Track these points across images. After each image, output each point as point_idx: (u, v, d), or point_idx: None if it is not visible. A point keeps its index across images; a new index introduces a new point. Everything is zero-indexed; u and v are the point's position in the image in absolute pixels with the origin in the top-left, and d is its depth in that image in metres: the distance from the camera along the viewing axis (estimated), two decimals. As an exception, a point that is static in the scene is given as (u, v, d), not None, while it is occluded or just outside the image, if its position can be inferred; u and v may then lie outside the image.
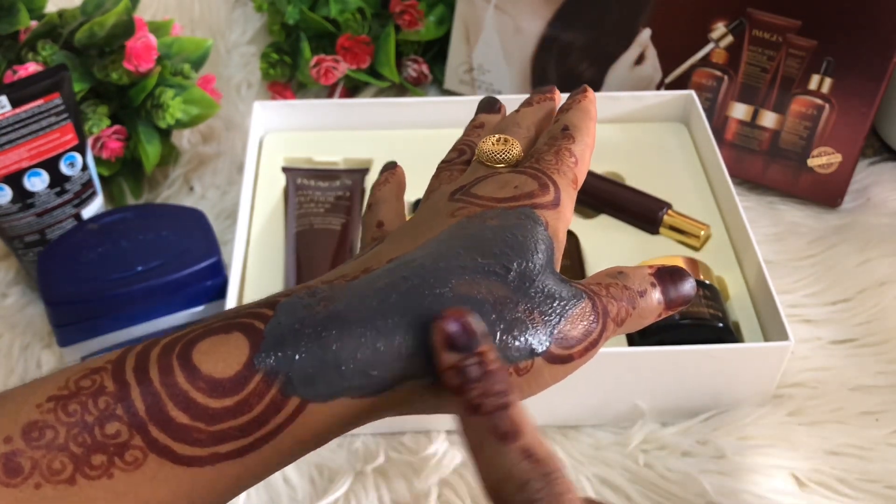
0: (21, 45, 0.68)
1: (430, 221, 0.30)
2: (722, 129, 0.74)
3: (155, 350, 0.24)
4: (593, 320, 0.29)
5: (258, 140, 0.72)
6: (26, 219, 0.62)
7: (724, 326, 0.55)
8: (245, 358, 0.24)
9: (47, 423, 0.22)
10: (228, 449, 0.23)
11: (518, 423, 0.25)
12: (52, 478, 0.22)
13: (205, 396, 0.23)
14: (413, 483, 0.54)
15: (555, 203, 0.30)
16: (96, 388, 0.23)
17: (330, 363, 0.24)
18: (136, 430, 0.22)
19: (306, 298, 0.25)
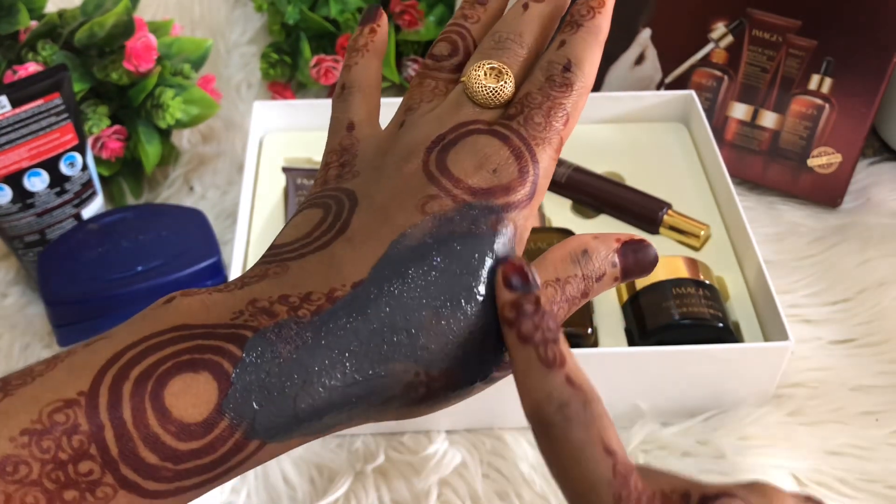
0: (21, 45, 0.68)
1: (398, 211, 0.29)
2: (722, 129, 0.74)
3: (127, 386, 0.24)
4: None
5: (258, 140, 0.72)
6: (26, 219, 0.62)
7: (724, 326, 0.55)
8: (213, 404, 0.25)
9: (21, 459, 0.23)
10: (191, 483, 0.25)
11: (563, 353, 0.27)
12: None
13: (174, 440, 0.24)
14: (413, 483, 0.54)
15: (529, 195, 0.30)
16: (69, 425, 0.24)
17: (289, 414, 0.26)
18: (107, 469, 0.24)
19: (272, 339, 0.26)
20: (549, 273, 0.30)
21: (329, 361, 0.26)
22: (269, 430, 0.25)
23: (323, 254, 0.28)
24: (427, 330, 0.27)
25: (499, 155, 0.30)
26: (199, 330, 0.26)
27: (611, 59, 0.76)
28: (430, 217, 0.28)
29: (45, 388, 0.24)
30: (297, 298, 0.27)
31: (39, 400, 0.24)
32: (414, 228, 0.28)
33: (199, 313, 0.26)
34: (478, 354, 0.28)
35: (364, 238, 0.29)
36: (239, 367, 0.25)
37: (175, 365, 0.25)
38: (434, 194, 0.29)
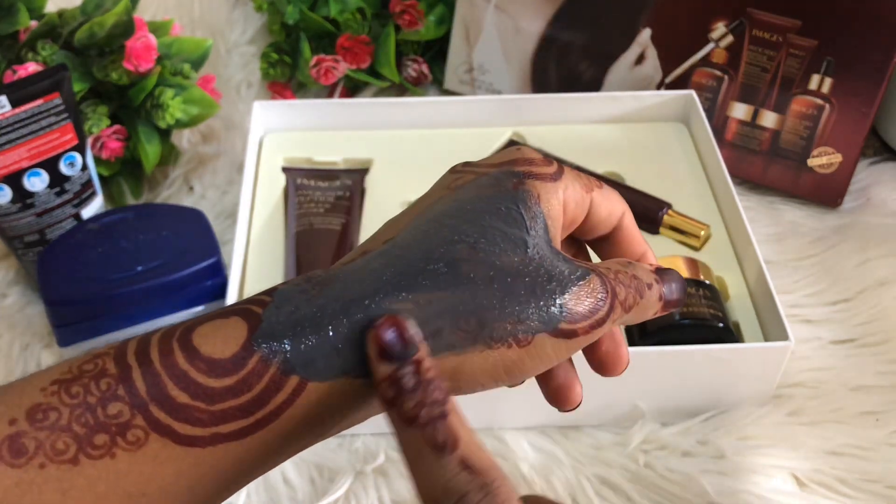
0: (21, 45, 0.68)
1: (428, 196, 0.30)
2: (722, 129, 0.74)
3: (156, 336, 0.24)
4: (601, 298, 0.28)
5: (258, 140, 0.72)
6: (26, 219, 0.62)
7: (724, 326, 0.55)
8: (243, 339, 0.24)
9: (51, 405, 0.23)
10: (230, 429, 0.24)
11: (455, 433, 0.24)
12: (56, 458, 0.22)
13: (204, 376, 0.23)
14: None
15: (554, 174, 0.30)
16: (98, 370, 0.23)
17: (326, 343, 0.24)
18: (137, 410, 0.23)
19: (303, 284, 0.26)
20: (599, 263, 0.30)
21: (363, 290, 0.25)
22: (306, 364, 0.24)
23: (360, 245, 0.29)
24: (466, 261, 0.26)
25: (526, 147, 0.31)
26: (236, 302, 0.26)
27: (611, 59, 0.76)
28: (456, 189, 0.29)
29: (80, 354, 0.25)
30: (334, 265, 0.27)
31: (71, 359, 0.24)
32: (441, 198, 0.29)
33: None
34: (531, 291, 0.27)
35: (396, 221, 0.29)
36: (268, 307, 0.25)
37: (205, 316, 0.25)
38: (458, 177, 0.30)
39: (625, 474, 0.54)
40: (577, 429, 0.57)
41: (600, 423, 0.57)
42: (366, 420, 0.27)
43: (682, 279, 0.33)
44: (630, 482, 0.54)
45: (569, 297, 0.28)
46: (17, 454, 0.22)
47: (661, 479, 0.54)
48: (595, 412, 0.56)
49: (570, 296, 0.28)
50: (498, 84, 0.80)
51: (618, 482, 0.54)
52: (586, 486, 0.54)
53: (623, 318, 0.30)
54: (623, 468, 0.54)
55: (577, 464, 0.55)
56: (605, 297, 0.28)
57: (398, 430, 0.24)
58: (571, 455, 0.55)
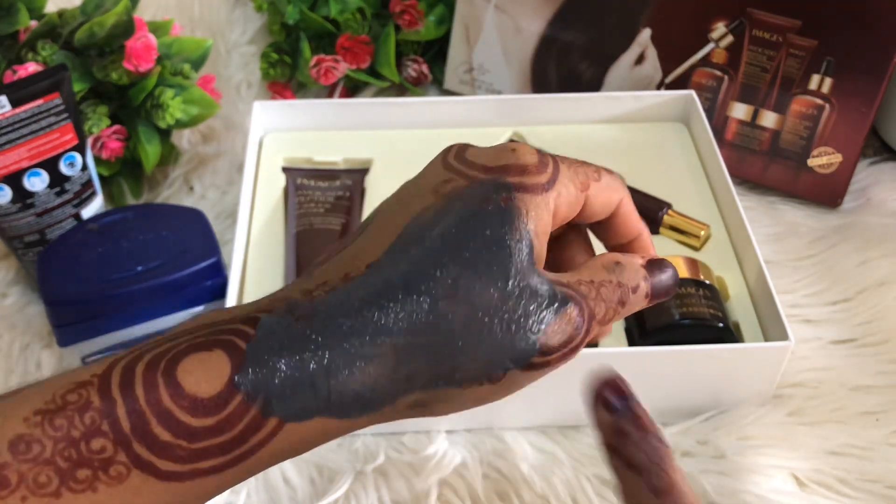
0: (21, 45, 0.68)
1: (415, 197, 0.29)
2: (722, 129, 0.74)
3: (140, 366, 0.24)
4: (577, 327, 0.29)
5: (258, 140, 0.72)
6: (26, 219, 0.62)
7: (724, 326, 0.55)
8: (226, 378, 0.24)
9: (34, 438, 0.23)
10: (208, 465, 0.24)
11: (671, 479, 0.26)
12: (38, 490, 0.22)
13: (187, 415, 0.24)
14: (413, 483, 0.54)
15: (546, 185, 0.29)
16: (83, 403, 0.23)
17: (307, 385, 0.25)
18: (120, 447, 0.23)
19: (286, 317, 0.25)
20: (584, 275, 0.30)
21: (343, 332, 0.25)
22: (286, 406, 0.25)
23: (344, 252, 0.29)
24: (445, 299, 0.26)
25: (522, 147, 0.30)
26: (217, 322, 0.26)
27: (611, 59, 0.76)
28: (443, 197, 0.28)
29: (61, 377, 0.24)
30: (313, 286, 0.27)
31: (54, 385, 0.24)
32: (426, 209, 0.28)
33: (223, 314, 0.26)
34: (507, 328, 0.27)
35: (381, 229, 0.29)
36: (252, 343, 0.25)
37: (189, 346, 0.25)
38: (448, 179, 0.29)
39: (625, 474, 0.54)
40: (577, 428, 0.57)
41: (600, 423, 0.57)
42: None
43: (674, 270, 0.33)
44: (630, 482, 0.54)
45: (544, 333, 0.28)
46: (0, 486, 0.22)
47: (661, 479, 0.54)
48: (595, 412, 0.56)
49: (546, 331, 0.28)
50: (498, 84, 0.80)
51: (618, 482, 0.54)
52: (586, 486, 0.54)
53: (603, 329, 0.31)
54: (623, 468, 0.54)
55: (577, 464, 0.55)
56: (582, 324, 0.29)
57: (620, 474, 0.26)
58: (571, 455, 0.55)
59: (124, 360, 0.24)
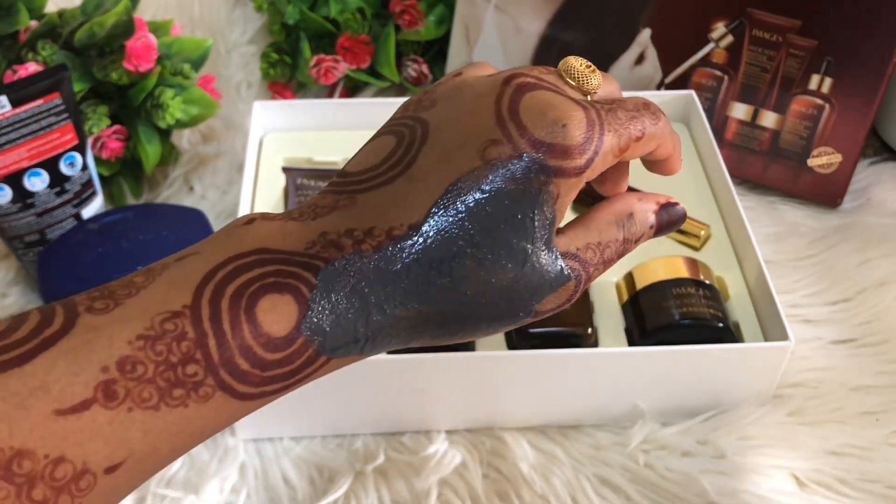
0: (21, 45, 0.68)
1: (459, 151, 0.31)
2: (722, 129, 0.74)
3: (224, 302, 0.28)
4: (571, 294, 0.32)
5: (258, 140, 0.72)
6: (26, 219, 0.62)
7: (724, 326, 0.55)
8: (294, 322, 0.29)
9: (138, 359, 0.27)
10: (272, 388, 0.29)
11: None
12: (142, 404, 0.27)
13: (262, 350, 0.28)
14: (413, 483, 0.54)
15: (581, 169, 0.31)
16: (178, 332, 0.27)
17: (351, 334, 0.30)
18: (209, 373, 0.28)
19: (341, 271, 0.30)
20: (593, 235, 0.33)
21: (384, 297, 0.30)
22: (334, 349, 0.30)
23: (387, 189, 0.31)
24: (468, 279, 0.30)
25: (572, 114, 0.31)
26: (279, 255, 0.29)
27: (611, 59, 0.76)
28: (488, 165, 0.31)
29: (152, 301, 0.28)
30: (360, 233, 0.30)
31: (149, 310, 0.28)
32: (470, 175, 0.31)
33: (277, 238, 0.30)
34: (510, 303, 0.31)
35: (425, 177, 0.31)
36: (314, 294, 0.29)
37: (262, 286, 0.29)
38: (497, 139, 0.31)
39: (625, 474, 0.54)
40: (577, 428, 0.57)
41: (600, 422, 0.57)
42: None
43: (682, 208, 0.37)
44: (630, 482, 0.54)
45: (543, 303, 0.32)
46: (109, 398, 0.26)
47: (661, 479, 0.54)
48: (595, 412, 0.56)
49: (545, 301, 0.32)
50: (498, 84, 0.80)
51: (618, 482, 0.54)
52: (586, 486, 0.54)
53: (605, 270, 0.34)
54: (623, 468, 0.54)
55: (577, 464, 0.55)
56: (575, 292, 0.33)
57: None
58: (571, 455, 0.55)
59: (208, 292, 0.28)
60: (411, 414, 0.56)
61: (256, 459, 0.55)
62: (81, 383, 0.26)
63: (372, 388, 0.54)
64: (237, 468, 0.55)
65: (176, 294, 0.28)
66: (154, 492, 0.53)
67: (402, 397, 0.55)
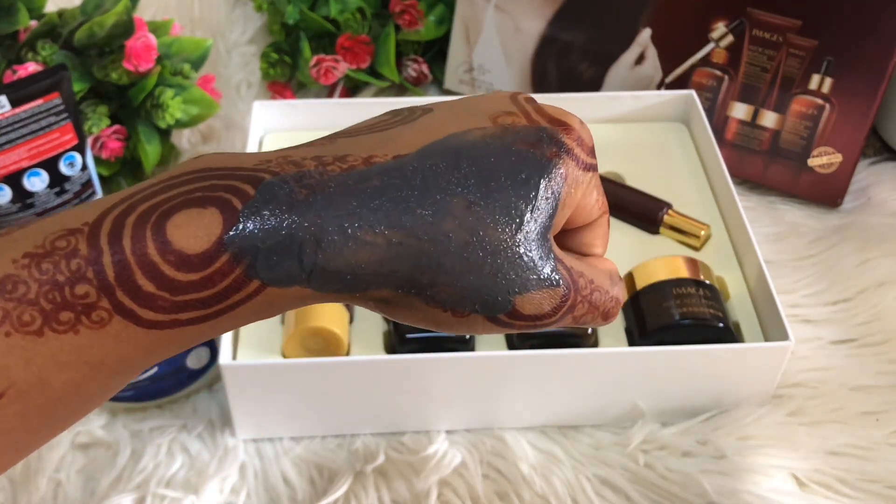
0: (21, 44, 0.68)
1: (469, 116, 0.29)
2: (722, 128, 0.74)
3: (131, 217, 0.24)
4: (554, 309, 0.28)
5: (258, 140, 0.72)
6: (26, 219, 0.62)
7: (725, 326, 0.55)
8: (216, 237, 0.24)
9: (20, 279, 0.23)
10: (188, 317, 0.25)
11: None
12: (22, 328, 0.23)
13: (172, 269, 0.24)
14: (413, 483, 0.54)
15: (591, 166, 0.29)
16: (70, 249, 0.24)
17: (294, 255, 0.25)
18: (103, 294, 0.24)
19: (291, 183, 0.25)
20: (588, 271, 0.30)
21: (346, 213, 0.25)
22: (270, 272, 0.25)
23: (378, 134, 0.28)
24: (454, 217, 0.26)
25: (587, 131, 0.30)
26: (218, 172, 0.25)
27: (611, 59, 0.76)
28: (499, 126, 0.28)
29: (53, 222, 0.25)
30: (331, 157, 0.26)
31: (45, 230, 0.24)
32: (478, 129, 0.28)
33: (225, 160, 0.26)
34: (492, 276, 0.27)
35: (423, 128, 0.28)
36: (248, 205, 0.25)
37: (184, 201, 0.25)
38: (511, 111, 0.29)
39: (625, 474, 0.54)
40: (577, 428, 0.57)
41: (600, 422, 0.57)
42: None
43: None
44: (630, 482, 0.54)
45: (523, 298, 0.28)
46: None
47: (661, 479, 0.54)
48: (595, 412, 0.56)
49: (526, 297, 0.28)
50: (498, 84, 0.80)
51: (618, 482, 0.54)
52: (586, 486, 0.54)
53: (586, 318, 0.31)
54: (623, 468, 0.54)
55: (577, 464, 0.55)
56: (560, 310, 0.29)
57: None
58: (571, 455, 0.55)
59: (117, 210, 0.25)
60: (411, 414, 0.56)
61: (256, 459, 0.55)
62: None
63: (372, 388, 0.54)
64: (237, 468, 0.55)
65: (82, 214, 0.25)
66: (154, 492, 0.53)
67: (402, 397, 0.55)
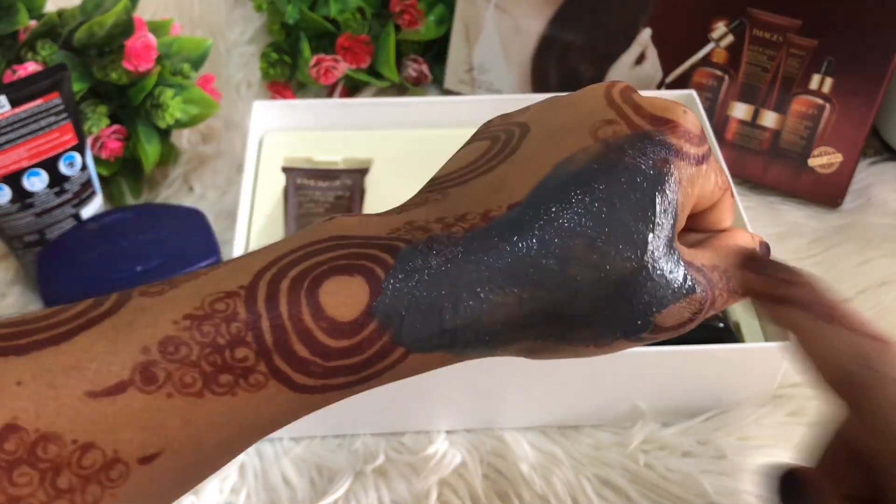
0: (20, 44, 0.68)
1: (569, 133, 0.28)
2: (722, 128, 0.74)
3: (285, 283, 0.25)
4: (695, 313, 0.28)
5: (258, 140, 0.72)
6: (25, 219, 0.62)
7: (725, 326, 0.55)
8: (364, 306, 0.25)
9: (182, 340, 0.24)
10: (337, 382, 0.26)
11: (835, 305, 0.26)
12: (183, 389, 0.24)
13: (325, 336, 0.25)
14: (413, 483, 0.54)
15: (701, 157, 0.28)
16: (229, 313, 0.24)
17: (435, 321, 0.26)
18: (261, 357, 0.24)
19: (424, 251, 0.26)
20: (720, 260, 0.30)
21: (476, 277, 0.26)
22: (414, 339, 0.26)
23: (486, 177, 0.28)
24: (579, 260, 0.26)
25: (691, 113, 0.29)
26: (356, 240, 0.26)
27: (611, 59, 0.76)
28: (601, 142, 0.27)
29: (207, 283, 0.25)
30: (452, 218, 0.27)
31: (202, 291, 0.25)
32: (581, 152, 0.27)
33: (357, 228, 0.27)
34: (628, 303, 0.27)
35: (529, 160, 0.28)
36: (390, 274, 0.25)
37: (331, 268, 0.25)
38: (611, 119, 0.28)
39: (625, 474, 0.54)
40: (577, 429, 0.57)
41: (600, 423, 0.57)
42: None
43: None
44: (630, 482, 0.54)
45: (663, 314, 0.28)
46: (148, 382, 0.23)
47: (661, 479, 0.54)
48: (595, 412, 0.56)
49: (665, 312, 0.28)
50: (498, 84, 0.80)
51: (618, 482, 0.54)
52: (586, 486, 0.54)
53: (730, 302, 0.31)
54: (623, 468, 0.54)
55: (577, 464, 0.55)
56: (701, 311, 0.28)
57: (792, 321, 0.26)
58: (571, 455, 0.55)
59: (269, 274, 0.25)
60: (411, 414, 0.56)
61: (256, 459, 0.55)
62: (118, 364, 0.23)
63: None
64: (237, 468, 0.55)
65: (235, 276, 0.25)
66: (154, 492, 0.53)
67: (402, 397, 0.54)
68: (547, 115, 0.30)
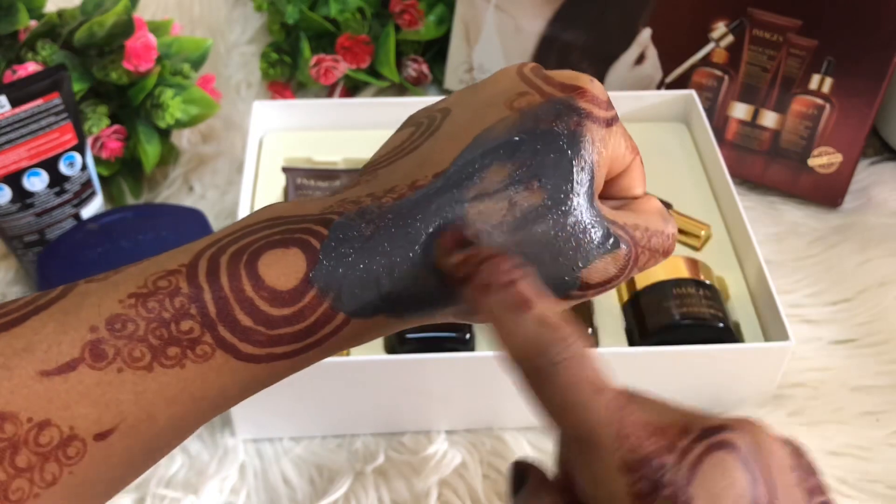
0: (20, 44, 0.68)
1: (487, 108, 0.30)
2: (722, 128, 0.74)
3: (224, 258, 0.26)
4: (620, 270, 0.30)
5: (258, 140, 0.72)
6: (26, 219, 0.62)
7: (725, 326, 0.55)
8: (302, 274, 0.26)
9: (128, 317, 0.25)
10: (282, 350, 0.27)
11: (528, 295, 0.26)
12: (133, 364, 0.25)
13: (267, 304, 0.26)
14: (413, 483, 0.54)
15: (609, 121, 0.30)
16: (172, 288, 0.26)
17: (372, 285, 0.27)
18: (206, 328, 0.26)
19: (356, 220, 0.27)
20: (640, 220, 0.31)
21: (408, 243, 0.27)
22: (352, 303, 0.27)
23: (411, 155, 0.30)
24: (501, 222, 0.28)
25: (597, 82, 0.31)
26: (291, 219, 0.28)
27: (611, 59, 0.76)
28: (517, 111, 0.29)
29: (150, 265, 0.27)
30: (381, 191, 0.28)
31: (145, 273, 0.26)
32: (499, 122, 0.29)
33: (292, 209, 0.28)
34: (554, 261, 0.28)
35: (451, 136, 0.30)
36: (325, 244, 0.27)
37: (268, 243, 0.27)
38: (524, 91, 0.30)
39: (625, 474, 0.54)
40: (577, 429, 0.57)
41: (600, 423, 0.57)
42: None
43: None
44: (630, 482, 0.54)
45: (589, 269, 0.29)
46: (98, 358, 0.25)
47: (662, 480, 0.54)
48: (595, 412, 0.56)
49: (591, 267, 0.29)
50: (498, 84, 0.80)
51: (618, 482, 0.54)
52: (586, 486, 0.53)
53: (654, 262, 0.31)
54: (623, 468, 0.54)
55: (577, 464, 0.55)
56: (626, 268, 0.30)
57: (479, 303, 0.26)
58: (571, 455, 0.55)
59: (209, 252, 0.27)
60: (411, 414, 0.56)
61: (256, 459, 0.55)
62: (68, 342, 0.24)
63: (372, 388, 0.54)
64: (237, 468, 0.55)
65: (176, 257, 0.27)
66: (154, 492, 0.53)
67: (402, 397, 0.54)
68: (466, 98, 0.32)
